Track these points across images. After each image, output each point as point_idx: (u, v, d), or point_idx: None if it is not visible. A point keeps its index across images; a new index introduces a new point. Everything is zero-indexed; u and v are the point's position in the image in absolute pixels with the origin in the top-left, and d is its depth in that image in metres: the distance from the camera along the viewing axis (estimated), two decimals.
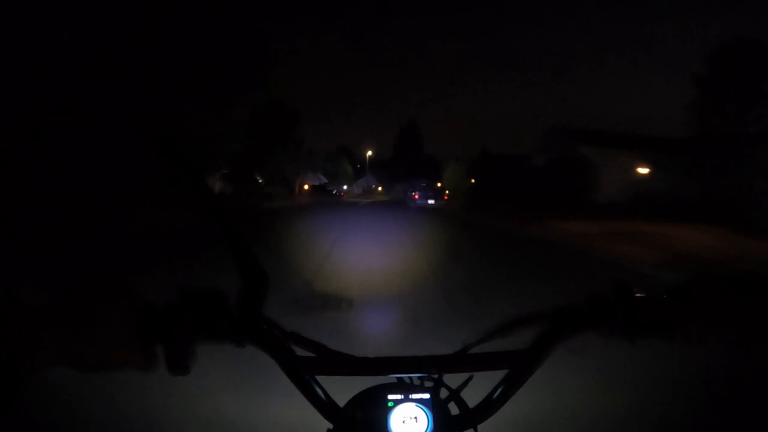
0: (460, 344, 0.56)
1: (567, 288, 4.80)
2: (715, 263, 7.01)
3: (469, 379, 0.53)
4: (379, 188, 68.37)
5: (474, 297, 4.34)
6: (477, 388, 0.53)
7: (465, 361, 0.54)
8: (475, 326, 0.81)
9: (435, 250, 8.32)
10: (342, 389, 0.54)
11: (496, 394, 0.48)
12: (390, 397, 0.48)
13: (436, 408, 0.48)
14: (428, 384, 0.52)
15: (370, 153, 59.74)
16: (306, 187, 40.30)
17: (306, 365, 0.50)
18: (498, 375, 0.50)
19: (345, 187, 55.76)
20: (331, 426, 0.48)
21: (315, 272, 5.16)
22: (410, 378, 0.53)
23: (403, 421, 0.47)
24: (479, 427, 0.48)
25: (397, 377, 0.53)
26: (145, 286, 0.42)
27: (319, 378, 0.49)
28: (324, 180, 50.92)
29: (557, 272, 6.40)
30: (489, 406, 0.48)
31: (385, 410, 0.48)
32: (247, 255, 0.46)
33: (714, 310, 0.43)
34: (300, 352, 0.51)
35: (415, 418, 0.47)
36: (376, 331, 3.29)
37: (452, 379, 0.53)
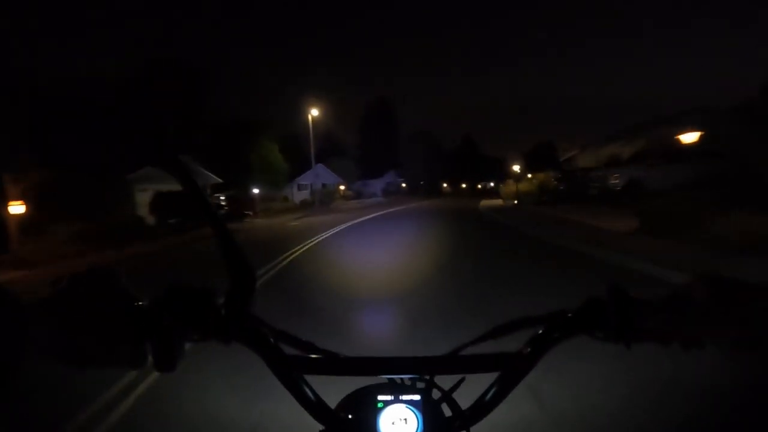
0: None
1: None
2: None
3: (461, 380, 0.51)
4: (342, 189, 40.71)
5: None
6: (469, 391, 0.51)
7: (457, 362, 0.51)
8: None
9: None
10: (336, 390, 0.53)
11: (488, 396, 0.48)
12: (380, 397, 0.47)
13: (426, 409, 0.47)
14: (420, 385, 0.50)
15: (315, 113, 28.93)
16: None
17: (294, 364, 0.49)
18: (490, 377, 0.49)
19: (256, 192, 26.19)
20: (322, 427, 0.47)
21: None
22: (402, 379, 0.50)
23: (393, 423, 0.46)
24: (471, 429, 0.48)
25: (388, 378, 0.51)
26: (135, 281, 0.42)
27: (312, 380, 0.49)
28: (214, 181, 22.92)
29: None
30: (481, 408, 0.47)
31: (375, 411, 0.47)
32: (236, 255, 0.45)
33: (712, 315, 0.40)
34: (289, 351, 0.50)
35: (405, 419, 0.46)
36: None
37: (446, 383, 0.51)
